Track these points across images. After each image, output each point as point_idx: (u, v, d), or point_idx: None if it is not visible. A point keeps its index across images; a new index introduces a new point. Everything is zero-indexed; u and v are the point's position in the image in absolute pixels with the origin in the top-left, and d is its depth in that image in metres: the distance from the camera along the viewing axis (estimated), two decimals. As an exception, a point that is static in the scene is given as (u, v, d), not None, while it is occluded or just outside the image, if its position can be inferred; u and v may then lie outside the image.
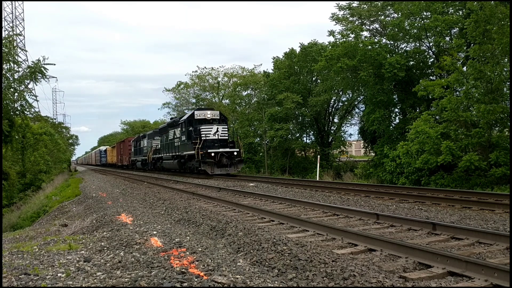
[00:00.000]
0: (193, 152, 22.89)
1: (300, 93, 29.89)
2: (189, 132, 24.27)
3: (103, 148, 79.00)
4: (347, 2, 25.53)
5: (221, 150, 22.53)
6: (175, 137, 27.61)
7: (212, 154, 21.98)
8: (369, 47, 21.45)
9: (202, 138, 22.84)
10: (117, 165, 58.37)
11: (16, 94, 18.28)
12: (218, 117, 25.08)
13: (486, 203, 8.74)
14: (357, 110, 32.70)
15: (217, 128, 23.69)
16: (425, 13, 20.89)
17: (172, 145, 28.24)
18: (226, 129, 24.53)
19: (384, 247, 5.32)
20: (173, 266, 4.51)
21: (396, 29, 21.78)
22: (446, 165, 15.51)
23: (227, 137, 24.23)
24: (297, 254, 4.78)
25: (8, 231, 15.94)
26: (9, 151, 23.07)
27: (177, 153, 26.85)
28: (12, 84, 17.95)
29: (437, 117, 17.10)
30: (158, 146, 33.72)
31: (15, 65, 18.25)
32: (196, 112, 25.12)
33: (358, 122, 32.20)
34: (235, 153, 22.76)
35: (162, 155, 31.21)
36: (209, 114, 24.79)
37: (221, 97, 45.64)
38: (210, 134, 23.32)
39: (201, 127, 23.55)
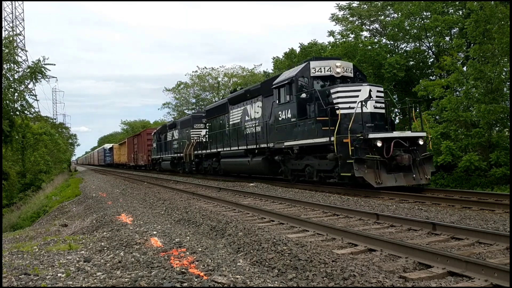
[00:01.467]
0: (318, 140, 12.05)
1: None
2: (302, 102, 13.06)
3: (107, 146, 69.88)
4: (347, 2, 25.57)
5: (396, 134, 11.37)
6: (248, 118, 17.71)
7: (379, 144, 10.86)
8: (369, 47, 21.47)
9: (339, 111, 11.69)
10: (128, 165, 48.08)
11: (16, 94, 18.32)
12: (352, 74, 13.73)
13: (486, 203, 8.74)
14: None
15: (370, 90, 11.87)
16: (425, 13, 20.92)
17: (240, 132, 18.19)
18: (382, 94, 12.74)
19: (384, 247, 5.32)
20: (173, 266, 4.51)
21: (396, 29, 21.82)
22: (446, 165, 15.51)
23: (384, 111, 12.74)
24: (297, 254, 4.78)
25: (8, 231, 15.95)
26: (9, 151, 23.12)
27: (259, 145, 16.03)
28: (12, 84, 17.98)
29: (437, 117, 17.11)
30: (202, 137, 24.16)
31: (15, 65, 18.29)
32: (313, 64, 13.39)
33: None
34: (420, 142, 11.65)
35: (219, 149, 20.30)
36: (339, 67, 13.31)
37: (221, 97, 45.65)
38: (353, 103, 11.73)
39: (333, 91, 12.35)
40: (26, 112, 19.25)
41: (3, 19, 35.63)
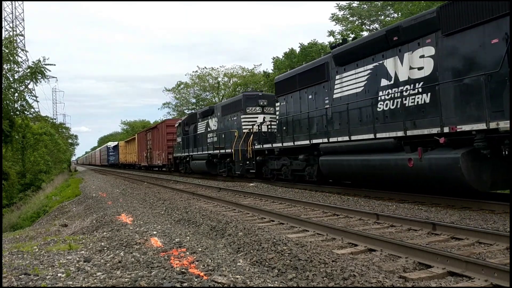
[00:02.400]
0: None
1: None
2: None
3: (111, 144, 63.30)
4: (347, 2, 25.59)
5: None
6: (389, 83, 10.46)
7: None
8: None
9: None
10: (139, 166, 40.89)
11: (16, 94, 18.32)
12: None
13: (486, 203, 8.73)
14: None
15: None
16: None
17: (374, 109, 10.76)
18: None
19: (384, 247, 5.32)
20: (173, 266, 4.51)
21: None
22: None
23: None
24: (297, 254, 4.79)
25: (8, 231, 15.95)
26: (9, 151, 23.13)
27: (455, 128, 8.16)
28: (12, 84, 17.98)
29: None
30: (260, 125, 17.16)
31: (15, 65, 18.30)
32: None
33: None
34: None
35: (315, 141, 12.85)
36: None
37: (221, 97, 45.72)
38: None
39: None
40: (26, 112, 19.26)
41: (3, 19, 35.64)
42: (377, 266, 4.58)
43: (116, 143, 60.37)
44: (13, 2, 53.12)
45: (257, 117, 18.36)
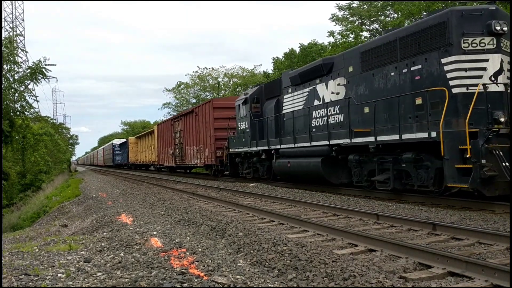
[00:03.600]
0: None
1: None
2: None
3: (118, 141, 55.08)
4: (347, 2, 25.61)
5: None
6: None
7: None
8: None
9: None
10: (159, 167, 33.32)
11: (16, 94, 18.34)
12: None
13: (486, 203, 8.73)
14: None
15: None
16: (425, 13, 20.92)
17: None
18: None
19: (384, 248, 5.32)
20: (173, 266, 4.51)
21: (396, 30, 21.83)
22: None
23: None
24: (297, 254, 4.79)
25: (8, 231, 15.95)
26: (9, 152, 23.15)
27: None
28: (12, 84, 18.00)
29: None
30: (496, 76, 8.11)
31: (15, 66, 18.32)
32: None
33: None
34: None
35: None
36: None
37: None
38: None
39: None
40: (26, 112, 19.28)
41: (3, 19, 35.65)
42: (377, 266, 4.58)
43: (123, 140, 52.08)
44: (13, 2, 53.14)
45: (487, 60, 8.50)
